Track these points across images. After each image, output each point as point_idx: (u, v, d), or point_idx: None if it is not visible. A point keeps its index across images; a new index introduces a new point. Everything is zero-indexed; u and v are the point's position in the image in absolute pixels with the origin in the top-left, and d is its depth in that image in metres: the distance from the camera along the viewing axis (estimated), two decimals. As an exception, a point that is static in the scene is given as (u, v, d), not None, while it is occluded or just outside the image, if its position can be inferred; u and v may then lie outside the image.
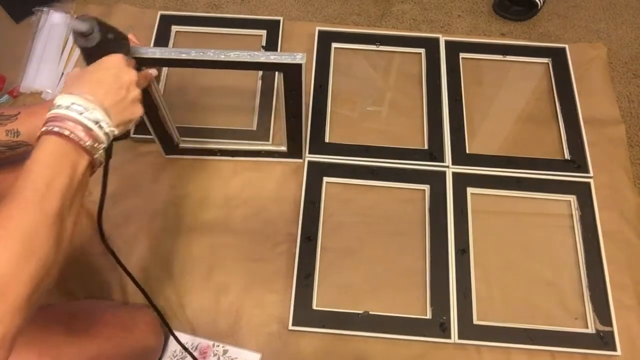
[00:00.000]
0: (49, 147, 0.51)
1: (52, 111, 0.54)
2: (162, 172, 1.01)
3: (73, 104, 0.54)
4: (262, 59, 0.72)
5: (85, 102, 0.54)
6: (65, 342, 0.70)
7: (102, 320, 0.76)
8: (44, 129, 0.53)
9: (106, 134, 0.56)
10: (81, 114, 0.54)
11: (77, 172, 0.52)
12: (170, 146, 0.98)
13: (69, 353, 0.70)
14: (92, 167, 0.56)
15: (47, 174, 0.49)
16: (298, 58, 0.72)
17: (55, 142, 0.52)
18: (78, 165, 0.53)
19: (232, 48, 1.12)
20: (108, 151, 0.59)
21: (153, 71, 0.74)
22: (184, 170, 1.01)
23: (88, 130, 0.54)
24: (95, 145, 0.55)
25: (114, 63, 0.60)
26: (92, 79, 0.58)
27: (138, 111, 0.63)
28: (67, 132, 0.52)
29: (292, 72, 0.75)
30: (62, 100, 0.54)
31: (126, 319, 0.78)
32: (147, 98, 0.81)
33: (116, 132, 0.59)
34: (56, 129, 0.52)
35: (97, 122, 0.55)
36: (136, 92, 0.62)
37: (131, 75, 0.61)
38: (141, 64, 0.71)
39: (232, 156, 1.02)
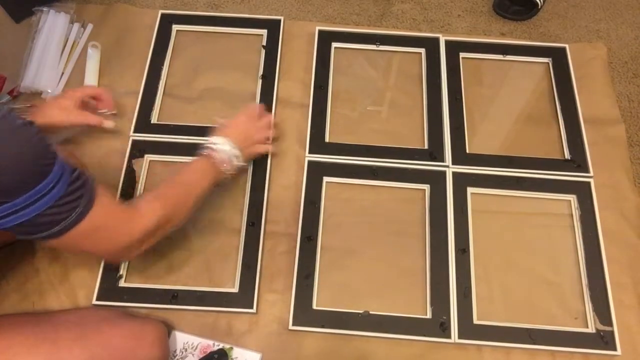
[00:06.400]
0: (200, 164, 0.85)
1: (210, 145, 0.85)
2: (162, 172, 1.01)
3: (224, 142, 0.86)
4: None
5: (231, 143, 0.87)
6: (72, 349, 0.71)
7: (110, 330, 0.76)
8: (203, 152, 0.86)
9: (238, 163, 0.89)
10: (227, 150, 0.86)
11: (210, 183, 0.85)
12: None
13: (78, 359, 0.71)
14: (217, 182, 0.87)
15: (195, 177, 0.83)
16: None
17: (204, 162, 0.85)
18: (213, 179, 0.85)
19: (232, 48, 1.14)
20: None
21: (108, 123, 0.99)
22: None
23: (229, 159, 0.86)
24: (227, 169, 0.87)
25: (245, 121, 0.94)
26: (234, 130, 0.90)
27: (258, 150, 0.96)
28: (216, 160, 0.85)
29: None
30: (217, 139, 0.86)
31: (134, 330, 0.78)
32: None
33: (243, 162, 0.91)
34: (209, 153, 0.85)
35: (235, 156, 0.87)
36: (259, 137, 0.95)
37: (256, 127, 0.95)
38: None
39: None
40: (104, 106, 1.01)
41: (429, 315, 0.89)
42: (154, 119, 1.05)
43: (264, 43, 1.14)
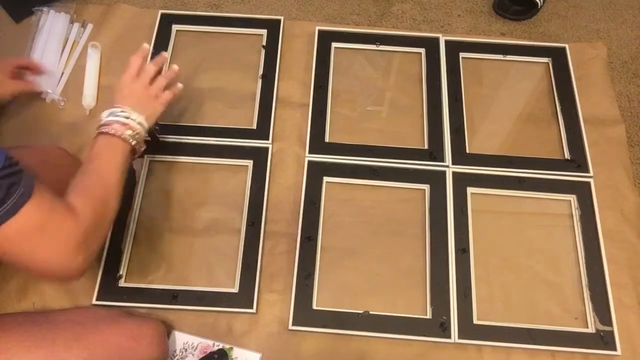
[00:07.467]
0: (100, 142, 0.75)
1: (102, 120, 0.78)
2: (161, 171, 1.01)
3: (111, 112, 0.78)
4: None
5: (118, 108, 0.79)
6: (72, 348, 0.71)
7: (109, 329, 0.76)
8: (100, 130, 0.77)
9: (139, 123, 0.79)
10: (117, 115, 0.78)
11: (122, 156, 0.76)
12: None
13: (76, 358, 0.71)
14: (133, 152, 0.79)
15: (104, 158, 0.74)
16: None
17: (104, 139, 0.76)
18: (122, 153, 0.76)
19: (232, 48, 1.14)
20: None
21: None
22: (183, 171, 1.01)
23: (124, 124, 0.77)
24: (133, 134, 0.78)
25: (130, 80, 0.84)
26: (122, 95, 0.82)
27: (162, 101, 0.86)
28: (111, 131, 0.76)
29: None
30: (103, 113, 0.79)
31: (133, 329, 0.78)
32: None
33: (146, 123, 0.81)
34: (103, 130, 0.76)
35: (128, 117, 0.78)
36: (155, 89, 0.85)
37: (143, 82, 0.84)
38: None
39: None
40: (37, 72, 1.04)
41: (429, 315, 0.89)
42: (154, 119, 1.05)
43: (264, 43, 1.14)
